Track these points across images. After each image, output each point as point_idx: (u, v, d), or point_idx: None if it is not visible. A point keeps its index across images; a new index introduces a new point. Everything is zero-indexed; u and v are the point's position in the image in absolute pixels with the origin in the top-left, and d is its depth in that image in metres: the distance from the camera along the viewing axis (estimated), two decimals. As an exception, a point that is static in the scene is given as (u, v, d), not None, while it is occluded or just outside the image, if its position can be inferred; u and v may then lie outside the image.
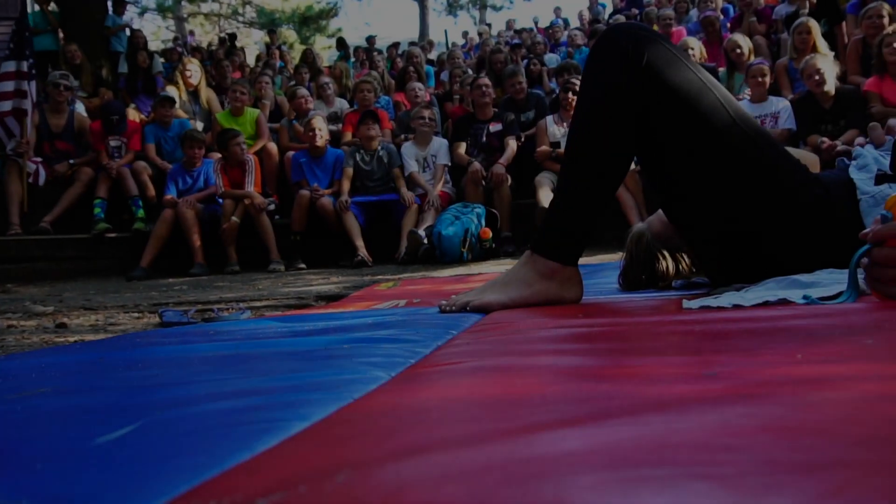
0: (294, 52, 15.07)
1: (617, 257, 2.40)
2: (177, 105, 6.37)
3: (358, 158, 5.42)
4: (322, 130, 5.37)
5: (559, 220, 1.47)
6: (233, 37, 12.03)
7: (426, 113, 5.34)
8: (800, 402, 0.39)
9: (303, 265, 5.14)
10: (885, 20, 5.01)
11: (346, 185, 5.29)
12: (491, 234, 4.75)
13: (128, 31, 9.09)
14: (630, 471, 0.32)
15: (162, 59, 9.75)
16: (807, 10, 6.20)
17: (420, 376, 0.64)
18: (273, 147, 5.80)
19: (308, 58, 9.25)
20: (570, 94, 5.06)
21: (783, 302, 1.11)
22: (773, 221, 1.41)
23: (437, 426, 0.43)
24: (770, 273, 1.40)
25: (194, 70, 6.81)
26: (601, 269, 2.64)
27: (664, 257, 1.79)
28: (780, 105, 4.99)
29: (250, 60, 11.33)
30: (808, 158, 1.72)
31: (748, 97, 5.08)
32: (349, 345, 0.96)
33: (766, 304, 1.15)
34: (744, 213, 1.42)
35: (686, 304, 1.20)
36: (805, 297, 1.07)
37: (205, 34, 22.42)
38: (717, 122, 1.38)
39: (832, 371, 0.48)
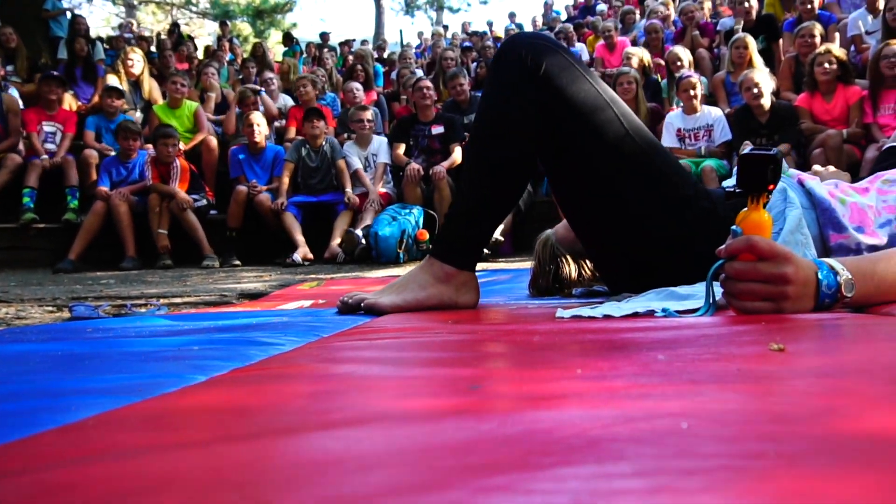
0: (247, 45, 14.86)
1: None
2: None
3: (304, 153, 5.37)
4: (261, 126, 5.31)
5: (457, 226, 1.48)
6: (175, 26, 11.77)
7: (363, 115, 5.32)
8: (510, 419, 0.39)
9: (237, 262, 5.07)
10: (817, 39, 5.17)
11: (285, 183, 5.23)
12: (428, 236, 4.75)
13: (69, 16, 8.84)
14: (327, 487, 0.31)
15: (107, 47, 9.53)
16: (746, 26, 6.35)
17: (223, 381, 0.63)
18: (212, 141, 5.71)
19: (258, 52, 9.15)
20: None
21: (651, 314, 1.13)
22: (659, 232, 1.44)
23: (161, 433, 0.43)
24: (658, 283, 1.43)
25: (136, 59, 6.65)
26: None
27: (567, 262, 1.81)
28: (714, 117, 5.11)
29: (204, 52, 11.13)
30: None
31: (682, 109, 5.18)
32: (201, 346, 0.95)
33: (635, 315, 1.17)
34: (632, 223, 1.44)
35: (559, 313, 1.20)
36: (663, 310, 1.09)
37: (157, 23, 21.94)
38: (611, 133, 1.40)
39: (582, 387, 0.49)
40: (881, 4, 5.25)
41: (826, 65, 4.61)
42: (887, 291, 1.03)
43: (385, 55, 10.76)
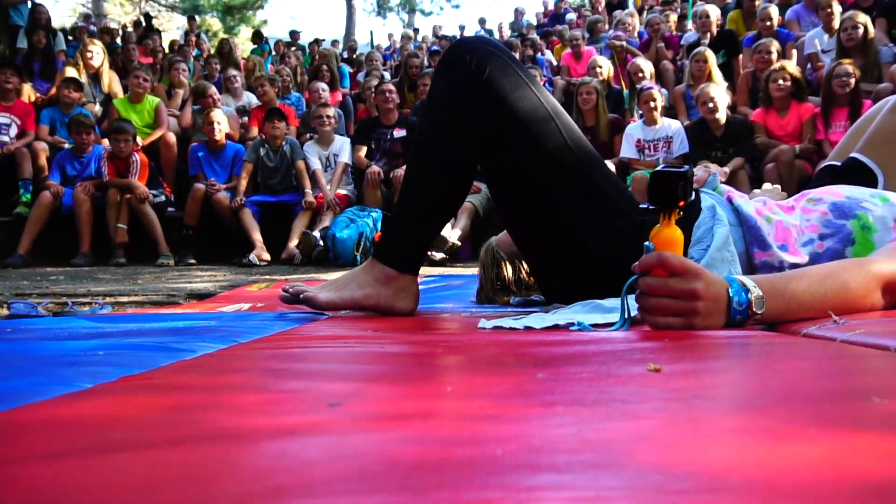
0: (216, 41, 14.69)
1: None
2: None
3: (262, 153, 5.33)
4: (222, 124, 5.26)
5: (399, 228, 1.48)
6: (147, 17, 11.61)
7: (324, 112, 5.30)
8: (346, 441, 0.40)
9: (193, 260, 5.01)
10: (774, 56, 5.27)
11: (243, 182, 5.19)
12: (386, 239, 4.74)
13: (30, 4, 8.65)
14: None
15: (70, 38, 9.35)
16: (708, 41, 6.46)
17: (102, 390, 0.62)
18: (171, 137, 5.63)
19: (224, 48, 9.05)
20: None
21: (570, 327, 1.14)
22: (594, 243, 1.45)
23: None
24: (592, 294, 1.44)
25: (96, 52, 6.53)
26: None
27: (506, 267, 1.82)
28: (673, 129, 5.18)
29: (169, 47, 10.97)
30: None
31: (642, 120, 5.25)
32: (108, 351, 0.93)
33: (555, 327, 1.18)
34: (567, 232, 1.45)
35: (482, 324, 1.21)
36: (578, 324, 1.10)
37: (124, 14, 21.58)
38: (550, 141, 1.41)
39: (438, 407, 0.49)
40: (836, 24, 5.37)
41: (780, 81, 4.71)
42: (798, 309, 1.05)
43: (355, 56, 10.72)
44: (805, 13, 6.62)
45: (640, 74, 5.75)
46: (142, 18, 11.94)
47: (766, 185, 1.84)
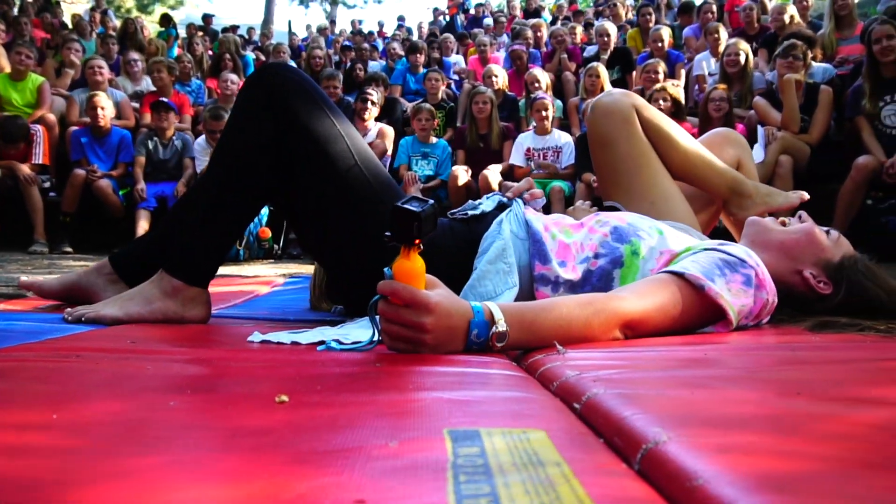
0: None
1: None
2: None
3: (150, 146, 5.20)
4: (106, 109, 5.10)
5: (187, 240, 1.49)
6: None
7: (216, 125, 5.20)
8: None
9: (69, 249, 4.84)
10: (661, 76, 5.50)
11: (138, 174, 5.06)
12: (270, 234, 4.71)
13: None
14: None
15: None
16: (607, 56, 6.67)
17: None
18: (51, 118, 5.41)
19: (129, 28, 8.76)
20: (367, 105, 5.13)
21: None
22: (375, 263, 1.49)
23: None
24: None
25: (-20, 24, 6.23)
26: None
27: (324, 275, 1.86)
28: (563, 140, 5.34)
29: (71, 22, 10.50)
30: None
31: (534, 129, 5.38)
32: None
33: (321, 343, 1.21)
34: (355, 250, 1.49)
35: (251, 337, 1.24)
36: (326, 343, 1.15)
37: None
38: (341, 164, 1.45)
39: (18, 440, 0.52)
40: (722, 49, 5.64)
41: (661, 101, 4.91)
42: (541, 341, 1.13)
43: (268, 45, 10.53)
44: (700, 34, 6.92)
45: (536, 84, 5.89)
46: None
47: (579, 203, 1.94)
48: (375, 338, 1.11)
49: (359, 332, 1.30)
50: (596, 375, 0.82)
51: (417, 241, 1.03)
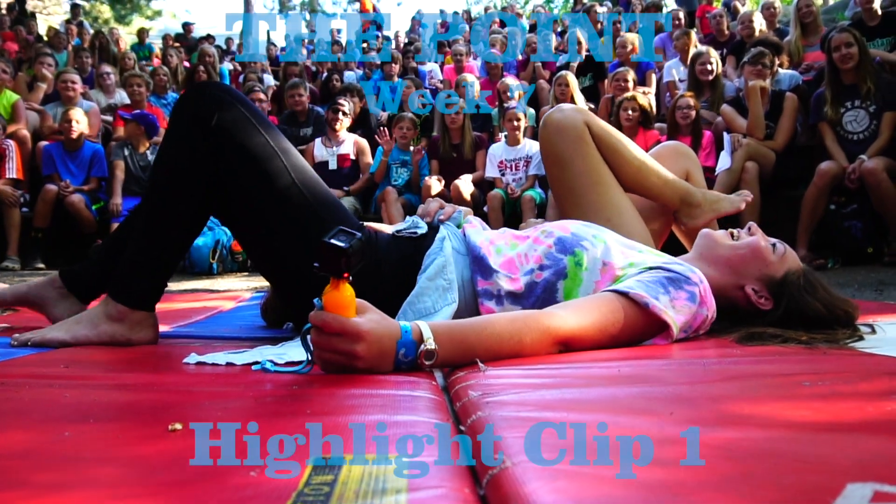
0: (107, 29, 14.09)
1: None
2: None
3: (126, 153, 5.21)
4: (80, 123, 5.10)
5: (128, 266, 1.51)
6: (21, 1, 11.04)
7: None
8: None
9: (41, 265, 4.84)
10: (630, 84, 5.57)
11: (117, 182, 5.07)
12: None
13: None
14: None
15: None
16: (576, 64, 6.73)
17: None
18: (25, 134, 5.40)
19: (101, 40, 8.74)
20: (339, 116, 5.16)
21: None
22: (320, 279, 1.52)
23: None
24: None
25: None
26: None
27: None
28: (534, 150, 5.38)
29: (47, 34, 10.46)
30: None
31: (506, 139, 5.42)
32: None
33: (256, 363, 1.24)
34: (295, 268, 1.51)
35: (187, 358, 1.27)
36: (261, 364, 1.17)
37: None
38: (278, 183, 1.47)
39: None
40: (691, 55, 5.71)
41: (630, 111, 4.98)
42: (476, 356, 1.17)
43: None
44: (670, 42, 7.00)
45: (508, 93, 5.93)
46: (15, 1, 11.32)
47: (531, 220, 1.98)
48: (309, 359, 1.14)
49: (296, 351, 1.33)
50: (496, 398, 0.86)
51: (346, 275, 1.06)
